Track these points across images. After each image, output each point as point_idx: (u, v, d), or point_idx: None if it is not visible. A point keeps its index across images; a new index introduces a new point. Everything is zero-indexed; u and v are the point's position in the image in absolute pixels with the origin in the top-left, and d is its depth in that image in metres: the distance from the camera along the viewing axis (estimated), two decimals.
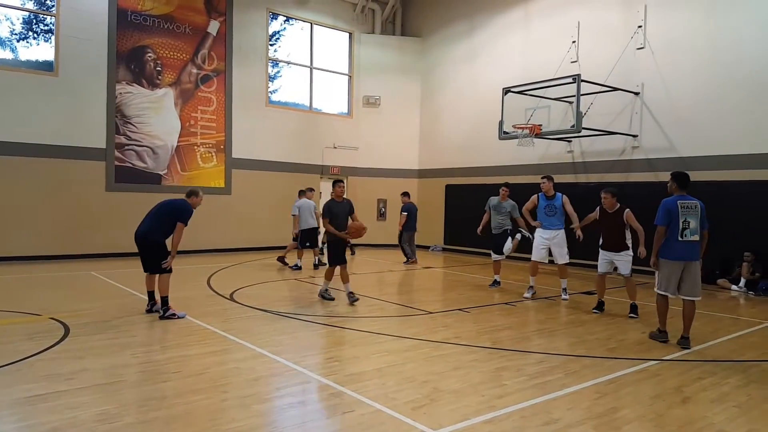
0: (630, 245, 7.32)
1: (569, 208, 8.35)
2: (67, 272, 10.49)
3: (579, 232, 7.99)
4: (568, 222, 8.43)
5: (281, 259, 12.12)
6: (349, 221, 7.88)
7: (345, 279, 7.77)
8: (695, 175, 10.93)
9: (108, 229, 12.81)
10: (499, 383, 4.43)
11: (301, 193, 12.01)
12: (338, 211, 7.75)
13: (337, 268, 7.84)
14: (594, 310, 7.59)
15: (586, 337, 6.15)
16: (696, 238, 5.71)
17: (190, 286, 9.08)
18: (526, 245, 9.33)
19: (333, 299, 7.91)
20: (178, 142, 13.99)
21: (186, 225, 6.69)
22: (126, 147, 13.22)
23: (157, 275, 6.67)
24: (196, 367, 4.71)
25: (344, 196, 7.97)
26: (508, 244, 9.18)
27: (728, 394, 4.28)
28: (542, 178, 8.53)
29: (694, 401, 4.13)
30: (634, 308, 7.37)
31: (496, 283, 9.52)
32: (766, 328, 6.77)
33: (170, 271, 6.68)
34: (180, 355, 5.08)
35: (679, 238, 5.67)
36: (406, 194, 13.27)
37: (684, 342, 5.71)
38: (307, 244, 11.53)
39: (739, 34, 10.28)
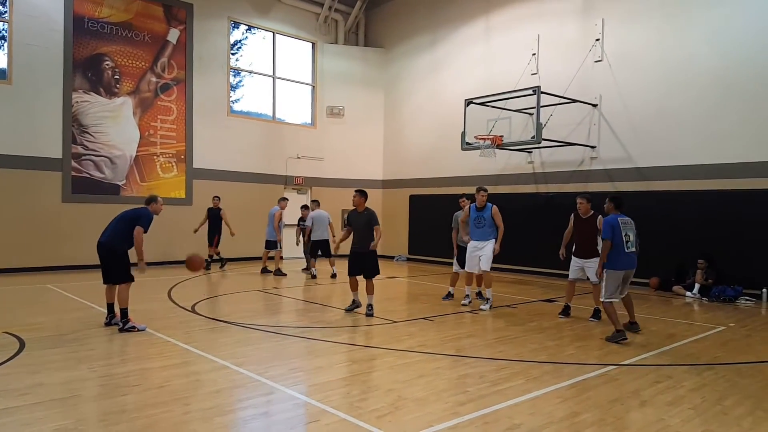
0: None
1: (498, 219, 8.28)
2: (23, 285, 10.08)
3: (563, 251, 7.96)
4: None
5: (278, 272, 12.19)
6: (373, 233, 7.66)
7: (369, 291, 7.68)
8: (651, 185, 11.52)
9: (65, 241, 12.38)
10: (462, 390, 4.47)
11: (314, 204, 12.54)
12: (357, 222, 7.68)
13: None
14: (560, 315, 7.77)
15: (546, 343, 6.28)
16: (634, 249, 6.56)
17: (150, 298, 8.84)
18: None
19: (359, 305, 7.94)
20: (137, 151, 13.67)
21: (146, 230, 6.53)
22: (83, 157, 12.83)
23: (117, 286, 6.48)
24: (156, 380, 4.59)
25: (364, 207, 7.72)
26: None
27: (684, 397, 4.42)
28: (478, 190, 8.38)
29: (652, 404, 4.25)
30: (597, 312, 7.61)
31: (449, 295, 9.24)
32: (718, 333, 7.03)
33: (131, 280, 6.50)
34: (140, 368, 4.94)
35: (625, 250, 6.45)
36: (310, 204, 12.88)
37: (634, 327, 6.75)
38: (319, 253, 11.95)
39: (690, 46, 10.79)
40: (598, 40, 12.16)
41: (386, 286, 11.47)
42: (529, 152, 13.44)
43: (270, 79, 16.44)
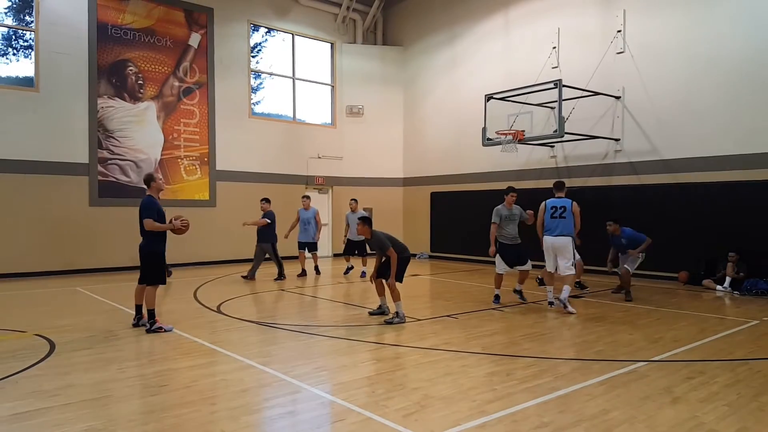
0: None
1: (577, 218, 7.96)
2: (52, 288, 10.31)
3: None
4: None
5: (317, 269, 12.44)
6: None
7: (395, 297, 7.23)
8: (678, 177, 11.25)
9: (92, 245, 12.65)
10: (489, 388, 4.42)
11: (353, 203, 12.29)
12: (373, 246, 7.43)
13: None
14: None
15: (574, 340, 6.17)
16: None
17: (176, 299, 8.98)
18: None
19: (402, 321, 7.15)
20: (162, 155, 13.89)
21: (155, 219, 6.48)
22: (109, 161, 13.09)
23: (146, 287, 6.58)
24: (184, 380, 4.64)
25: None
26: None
27: (717, 393, 4.30)
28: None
29: (684, 401, 4.14)
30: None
31: (497, 298, 8.58)
32: (752, 327, 6.84)
33: (159, 282, 6.59)
34: (167, 369, 5.01)
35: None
36: (266, 200, 11.86)
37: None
38: (355, 252, 12.03)
39: (715, 35, 10.50)
40: (619, 31, 11.92)
41: (409, 284, 11.42)
42: (551, 146, 13.25)
43: (290, 81, 16.53)
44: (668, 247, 10.83)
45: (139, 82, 13.57)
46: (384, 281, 7.29)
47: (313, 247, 12.23)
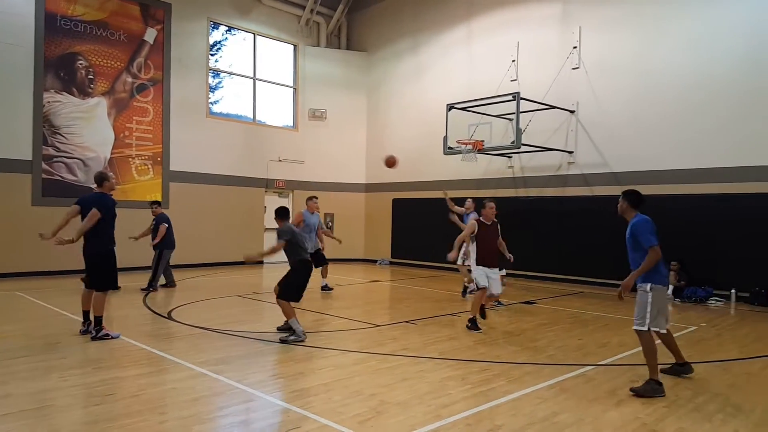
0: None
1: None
2: None
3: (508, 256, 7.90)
4: None
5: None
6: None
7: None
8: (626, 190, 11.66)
9: (35, 246, 11.95)
10: (444, 393, 4.47)
11: None
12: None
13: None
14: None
15: (527, 344, 6.32)
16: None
17: (125, 304, 8.66)
18: None
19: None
20: (112, 153, 13.39)
21: (106, 216, 6.16)
22: (55, 159, 12.52)
23: (94, 292, 6.29)
24: (131, 389, 4.47)
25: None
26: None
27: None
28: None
29: (628, 403, 4.32)
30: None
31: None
32: (690, 333, 7.19)
33: (109, 288, 6.32)
34: (113, 377, 4.81)
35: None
36: (158, 203, 10.78)
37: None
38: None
39: (666, 57, 11.01)
40: (575, 47, 12.35)
41: (369, 290, 11.44)
42: (509, 157, 13.57)
43: (250, 81, 16.29)
44: (617, 255, 11.23)
45: (90, 76, 13.06)
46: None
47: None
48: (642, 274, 4.76)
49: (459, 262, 9.36)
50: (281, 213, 6.62)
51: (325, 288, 10.38)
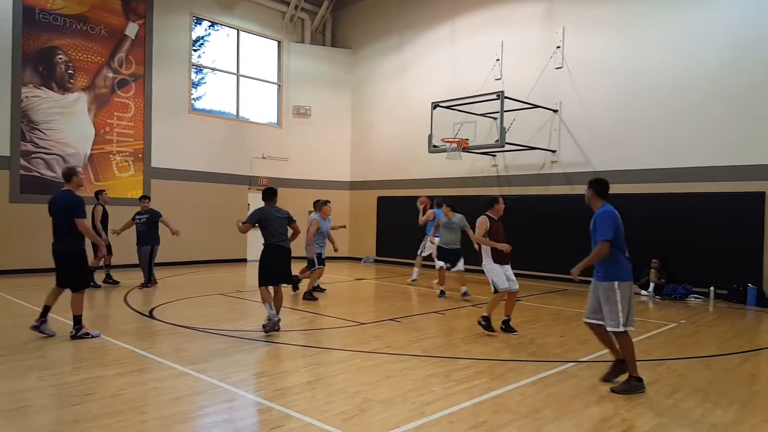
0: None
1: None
2: None
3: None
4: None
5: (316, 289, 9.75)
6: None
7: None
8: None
9: (13, 244, 11.81)
10: (428, 390, 4.48)
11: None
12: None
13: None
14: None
15: (509, 341, 6.37)
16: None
17: (105, 303, 8.54)
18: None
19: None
20: (92, 150, 13.18)
21: (85, 217, 6.13)
22: (33, 155, 12.28)
23: (72, 293, 6.17)
24: (111, 389, 4.41)
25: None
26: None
27: None
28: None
29: (609, 399, 4.37)
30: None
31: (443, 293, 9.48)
32: (670, 329, 7.31)
33: (85, 286, 6.24)
34: (93, 377, 4.74)
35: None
36: (148, 198, 10.80)
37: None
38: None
39: (649, 57, 11.14)
40: (558, 47, 12.44)
41: (354, 288, 11.43)
42: (493, 155, 13.64)
43: (234, 77, 16.14)
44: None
45: (69, 71, 12.83)
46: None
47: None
48: (605, 272, 4.71)
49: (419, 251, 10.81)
50: (264, 194, 6.91)
51: (316, 289, 9.76)
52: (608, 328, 4.69)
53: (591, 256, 4.70)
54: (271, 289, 6.69)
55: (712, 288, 10.03)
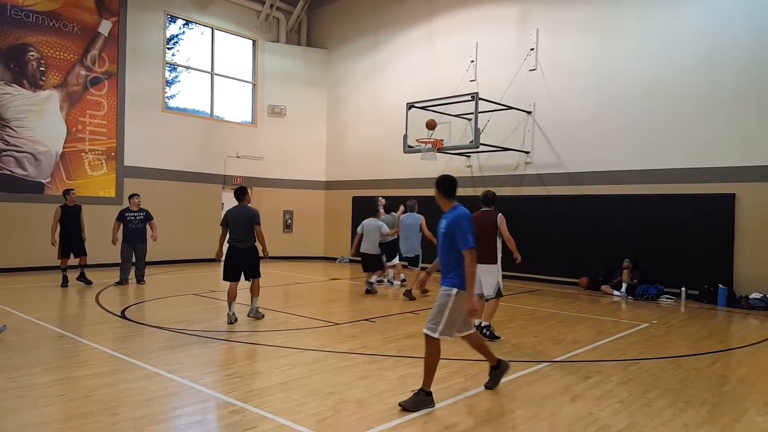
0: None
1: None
2: None
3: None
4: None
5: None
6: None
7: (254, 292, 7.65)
8: (582, 189, 12.08)
9: None
10: (403, 390, 4.50)
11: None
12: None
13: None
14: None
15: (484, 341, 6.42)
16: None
17: (76, 303, 8.37)
18: None
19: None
20: (64, 148, 12.89)
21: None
22: (4, 153, 11.96)
23: None
24: (82, 390, 4.34)
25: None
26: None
27: (611, 391, 4.64)
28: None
29: (582, 399, 4.44)
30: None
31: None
32: (642, 329, 7.44)
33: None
34: (64, 378, 4.66)
35: None
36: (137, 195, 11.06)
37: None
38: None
39: (621, 60, 11.35)
40: (532, 49, 12.62)
41: (328, 288, 11.41)
42: (468, 156, 13.76)
43: (208, 76, 15.96)
44: (572, 254, 11.63)
45: (41, 68, 12.53)
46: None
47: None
48: (452, 277, 4.21)
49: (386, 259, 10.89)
50: (235, 193, 7.38)
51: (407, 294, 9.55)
52: (424, 330, 4.27)
53: (468, 270, 4.10)
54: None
55: (683, 288, 10.21)
